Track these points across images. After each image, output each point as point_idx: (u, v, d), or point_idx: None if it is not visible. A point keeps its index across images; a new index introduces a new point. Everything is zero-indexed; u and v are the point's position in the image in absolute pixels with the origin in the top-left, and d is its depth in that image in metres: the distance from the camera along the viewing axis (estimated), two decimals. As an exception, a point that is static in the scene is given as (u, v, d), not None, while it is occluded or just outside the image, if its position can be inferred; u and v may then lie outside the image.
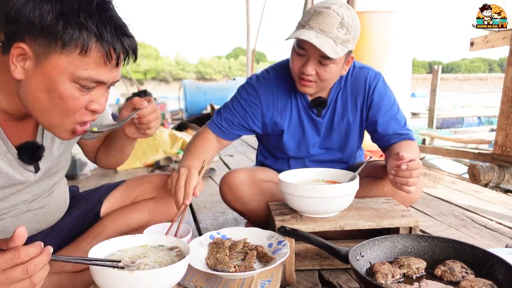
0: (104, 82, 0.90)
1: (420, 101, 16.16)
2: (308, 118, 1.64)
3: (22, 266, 0.67)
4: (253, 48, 8.28)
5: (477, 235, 1.80)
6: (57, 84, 0.85)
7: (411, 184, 1.28)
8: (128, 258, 0.97)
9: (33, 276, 0.68)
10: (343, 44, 1.39)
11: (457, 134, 5.55)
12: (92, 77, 0.86)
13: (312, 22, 1.38)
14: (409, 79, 3.69)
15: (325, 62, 1.41)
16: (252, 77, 1.68)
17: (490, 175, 2.73)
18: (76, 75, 0.85)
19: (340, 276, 1.38)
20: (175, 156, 3.93)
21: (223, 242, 1.20)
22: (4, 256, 0.67)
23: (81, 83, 0.86)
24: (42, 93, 0.86)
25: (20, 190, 1.07)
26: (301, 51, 1.42)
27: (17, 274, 0.67)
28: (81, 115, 0.92)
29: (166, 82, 65.80)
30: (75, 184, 1.48)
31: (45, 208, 1.18)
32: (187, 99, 8.74)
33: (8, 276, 0.67)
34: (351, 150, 1.71)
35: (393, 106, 1.62)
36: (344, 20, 1.37)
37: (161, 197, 1.39)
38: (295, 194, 1.28)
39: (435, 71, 6.50)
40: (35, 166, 1.05)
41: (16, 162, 0.99)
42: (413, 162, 1.27)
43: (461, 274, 0.99)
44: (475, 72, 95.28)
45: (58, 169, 1.19)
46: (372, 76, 1.62)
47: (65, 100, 0.87)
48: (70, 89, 0.86)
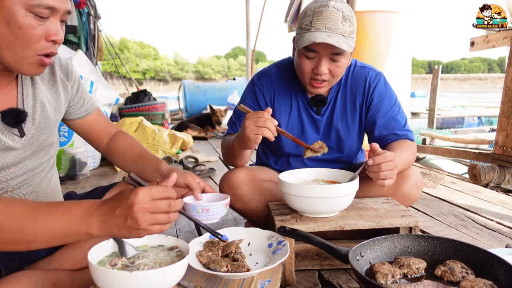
0: (55, 10, 0.97)
1: (420, 101, 16.17)
2: (308, 116, 1.65)
3: (167, 201, 0.85)
4: (253, 47, 8.26)
5: (477, 235, 1.80)
6: (15, 15, 0.92)
7: (383, 177, 1.27)
8: (127, 258, 0.97)
9: (171, 213, 0.86)
10: (350, 36, 1.42)
11: (457, 134, 5.56)
12: (43, 3, 0.94)
13: (316, 23, 1.38)
14: (409, 79, 3.69)
15: (337, 58, 1.42)
16: (255, 76, 1.72)
17: (491, 175, 2.72)
18: (29, 3, 0.93)
19: (340, 276, 1.38)
20: (175, 156, 3.93)
21: (218, 242, 1.21)
22: (158, 188, 0.85)
23: (35, 11, 0.94)
24: (2, 26, 0.93)
25: (13, 162, 1.10)
26: (311, 53, 1.43)
27: (162, 205, 0.84)
28: (42, 47, 0.99)
29: (165, 82, 65.79)
30: (74, 184, 1.49)
31: (38, 189, 1.22)
32: (186, 99, 8.73)
33: (156, 204, 0.83)
34: (350, 149, 1.70)
35: (393, 106, 1.61)
36: (344, 13, 1.40)
37: None
38: (295, 194, 1.28)
39: (435, 71, 6.51)
40: (19, 130, 1.10)
41: (1, 125, 1.05)
42: (378, 156, 1.26)
43: (461, 274, 0.99)
44: (474, 72, 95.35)
45: (45, 145, 1.21)
46: (373, 76, 1.62)
47: (24, 29, 0.94)
48: (27, 18, 0.94)
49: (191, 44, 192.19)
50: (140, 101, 5.94)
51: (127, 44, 63.35)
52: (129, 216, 0.81)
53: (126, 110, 5.75)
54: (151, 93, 6.24)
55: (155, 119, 5.72)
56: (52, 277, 1.11)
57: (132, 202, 0.81)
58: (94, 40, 5.97)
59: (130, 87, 10.24)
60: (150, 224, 0.83)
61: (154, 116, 5.77)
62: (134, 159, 1.40)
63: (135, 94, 6.08)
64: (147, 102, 5.91)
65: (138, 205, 0.81)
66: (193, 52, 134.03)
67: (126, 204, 0.81)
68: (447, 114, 9.66)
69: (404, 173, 1.51)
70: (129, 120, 4.13)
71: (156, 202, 0.83)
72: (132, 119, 4.19)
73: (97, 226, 0.83)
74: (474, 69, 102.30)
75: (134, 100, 5.97)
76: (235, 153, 1.53)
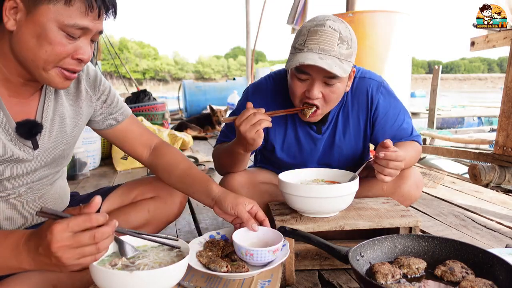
0: (88, 30, 0.98)
1: (420, 101, 16.17)
2: (306, 135, 1.56)
3: (91, 232, 0.76)
4: (253, 47, 8.26)
5: (477, 235, 1.80)
6: (47, 31, 0.93)
7: (387, 174, 1.25)
8: (127, 258, 0.96)
9: (99, 243, 0.77)
10: (347, 60, 1.30)
11: (457, 134, 5.56)
12: (77, 24, 0.95)
13: (309, 44, 1.28)
14: (409, 79, 3.68)
15: (331, 82, 1.32)
16: (249, 88, 1.62)
17: (491, 175, 2.72)
18: (62, 22, 0.93)
19: (340, 276, 1.38)
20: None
21: (218, 243, 1.21)
22: (77, 219, 0.76)
23: (67, 30, 0.95)
24: (33, 40, 0.94)
25: (23, 172, 1.10)
26: (303, 75, 1.33)
27: (85, 238, 0.76)
28: (67, 63, 1.00)
29: (164, 81, 65.77)
30: (74, 184, 1.49)
31: (46, 195, 1.21)
32: (186, 98, 8.74)
33: (77, 239, 0.75)
34: (353, 164, 1.63)
35: (399, 115, 1.54)
36: (342, 34, 1.29)
37: (161, 196, 1.39)
38: (295, 194, 1.28)
39: (435, 71, 6.49)
40: (33, 142, 1.10)
41: (14, 135, 1.05)
42: (391, 153, 1.23)
43: (461, 274, 0.99)
44: (474, 72, 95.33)
45: (59, 158, 1.20)
46: (374, 88, 1.52)
47: (54, 46, 0.95)
48: (58, 36, 0.95)
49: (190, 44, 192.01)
50: (140, 101, 5.93)
51: (127, 44, 63.38)
52: (51, 256, 0.75)
53: (126, 110, 5.74)
54: (151, 93, 6.24)
55: (155, 119, 5.72)
56: (53, 278, 1.11)
57: (49, 241, 0.74)
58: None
59: (130, 87, 10.23)
60: (77, 259, 0.77)
61: (154, 116, 5.77)
62: (181, 179, 1.31)
63: (135, 94, 6.08)
64: (147, 102, 5.91)
65: (56, 245, 0.74)
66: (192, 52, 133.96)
67: (45, 244, 0.75)
68: (447, 114, 9.65)
69: (404, 173, 1.50)
70: (129, 120, 4.13)
71: (77, 236, 0.75)
72: (132, 119, 4.19)
73: (27, 262, 0.80)
74: (474, 69, 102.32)
75: (134, 100, 5.97)
76: (236, 160, 1.46)
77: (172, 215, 1.42)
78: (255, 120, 1.21)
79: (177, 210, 1.44)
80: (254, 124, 1.21)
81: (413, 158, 1.51)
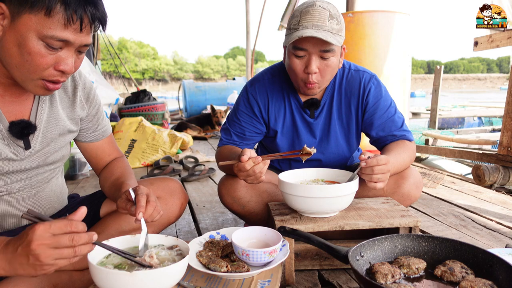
0: (69, 42, 0.96)
1: (420, 101, 16.17)
2: (302, 120, 1.64)
3: (70, 235, 0.81)
4: (252, 47, 8.25)
5: (477, 235, 1.80)
6: (27, 40, 0.93)
7: (376, 180, 1.28)
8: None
9: (77, 247, 0.81)
10: (338, 33, 1.43)
11: (459, 135, 5.55)
12: (56, 36, 0.93)
13: (303, 22, 1.40)
14: (409, 79, 3.68)
15: (326, 56, 1.43)
16: (247, 84, 1.70)
17: (495, 176, 2.70)
18: (42, 33, 0.92)
19: (340, 276, 1.38)
20: (175, 156, 3.93)
21: (218, 243, 1.21)
22: (59, 222, 0.81)
23: (47, 41, 0.94)
24: (15, 48, 0.94)
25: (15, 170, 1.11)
26: (300, 52, 1.43)
27: (64, 240, 0.80)
28: (49, 74, 0.99)
29: (164, 81, 65.77)
30: (74, 184, 1.49)
31: (41, 193, 1.22)
32: (186, 99, 8.73)
33: (57, 240, 0.79)
34: (348, 151, 1.70)
35: (389, 107, 1.61)
36: (331, 12, 1.41)
37: (162, 197, 1.39)
38: (295, 194, 1.28)
39: (437, 71, 6.48)
40: (25, 142, 1.10)
41: (6, 134, 1.06)
42: (371, 159, 1.27)
43: (461, 274, 0.99)
44: (473, 72, 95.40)
45: (53, 158, 1.21)
46: (367, 79, 1.61)
47: (33, 56, 0.94)
48: (37, 46, 0.94)
49: (190, 44, 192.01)
50: (140, 101, 5.94)
51: (126, 43, 63.36)
52: (30, 254, 0.79)
53: (126, 110, 5.75)
54: (151, 93, 6.25)
55: (155, 119, 5.72)
56: (53, 278, 1.11)
57: (31, 239, 0.78)
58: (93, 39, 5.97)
59: (130, 87, 10.24)
60: (55, 259, 0.80)
61: (154, 116, 5.77)
62: (110, 188, 1.30)
63: (135, 94, 6.09)
64: (147, 102, 5.92)
65: (36, 242, 0.78)
66: (192, 52, 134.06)
67: (25, 242, 0.79)
68: (448, 114, 9.64)
69: (403, 173, 1.51)
70: (129, 120, 4.13)
71: (57, 237, 0.80)
72: (131, 119, 4.19)
73: (2, 267, 0.82)
74: (473, 69, 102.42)
75: (134, 100, 5.97)
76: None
77: (173, 216, 1.42)
78: (255, 173, 1.30)
79: (178, 211, 1.43)
80: (256, 176, 1.31)
81: (407, 157, 1.51)
